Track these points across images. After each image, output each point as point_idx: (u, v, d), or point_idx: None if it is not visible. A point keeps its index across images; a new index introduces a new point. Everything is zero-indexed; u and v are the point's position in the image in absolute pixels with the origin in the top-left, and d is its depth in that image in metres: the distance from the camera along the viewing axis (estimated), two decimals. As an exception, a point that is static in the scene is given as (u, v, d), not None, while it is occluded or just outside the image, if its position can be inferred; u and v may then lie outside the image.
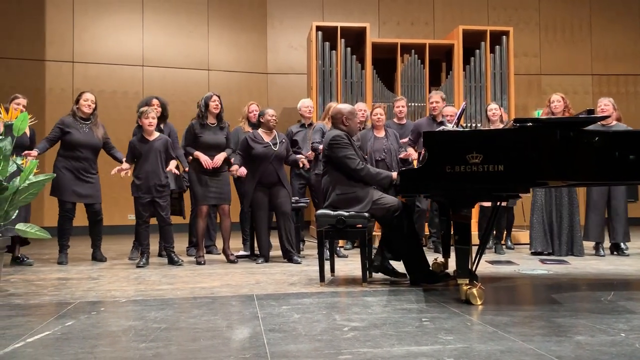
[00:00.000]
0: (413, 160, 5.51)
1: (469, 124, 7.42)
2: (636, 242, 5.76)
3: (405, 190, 3.41)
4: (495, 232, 5.73)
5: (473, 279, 3.18)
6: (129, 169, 4.89)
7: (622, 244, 5.44)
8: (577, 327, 2.56)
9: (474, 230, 5.63)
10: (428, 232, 6.08)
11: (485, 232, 3.84)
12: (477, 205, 5.67)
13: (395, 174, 3.75)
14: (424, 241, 5.96)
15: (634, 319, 2.72)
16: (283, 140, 5.08)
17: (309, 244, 6.22)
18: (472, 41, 7.61)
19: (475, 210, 5.85)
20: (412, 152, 5.60)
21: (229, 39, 9.28)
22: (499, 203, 3.68)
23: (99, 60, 8.59)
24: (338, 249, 5.31)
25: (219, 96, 5.05)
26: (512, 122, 3.38)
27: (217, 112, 5.02)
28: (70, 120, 5.08)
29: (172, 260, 4.84)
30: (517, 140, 3.18)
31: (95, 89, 7.37)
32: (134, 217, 5.40)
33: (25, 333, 2.52)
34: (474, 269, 3.36)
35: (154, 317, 2.82)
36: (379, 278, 3.98)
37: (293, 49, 9.36)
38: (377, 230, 5.86)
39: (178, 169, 4.97)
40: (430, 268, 3.93)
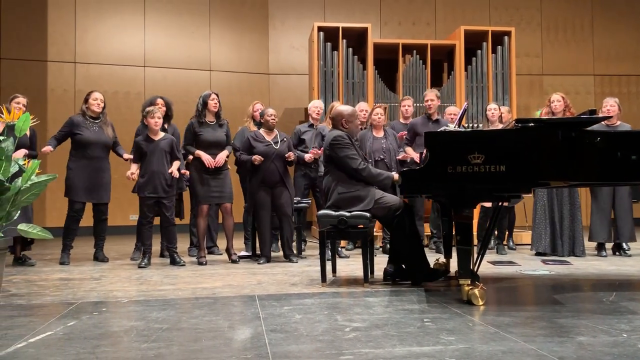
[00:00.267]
0: (413, 159, 5.49)
1: (471, 125, 7.42)
2: (638, 243, 5.75)
3: (407, 191, 3.41)
4: (497, 232, 5.72)
5: (475, 280, 3.18)
6: (137, 171, 4.88)
7: (625, 244, 5.43)
8: (579, 328, 2.56)
9: (474, 230, 5.62)
10: (430, 233, 6.07)
11: (487, 232, 3.84)
12: (478, 206, 5.65)
13: (396, 175, 3.75)
14: (425, 241, 5.96)
15: (636, 319, 2.72)
16: (284, 139, 5.09)
17: (310, 244, 6.22)
18: (473, 41, 7.61)
19: (476, 210, 5.84)
20: (411, 152, 5.60)
21: (230, 40, 9.29)
22: (501, 203, 3.68)
23: (101, 60, 8.60)
24: (340, 249, 5.31)
25: (217, 94, 5.06)
26: (513, 122, 3.38)
27: (216, 110, 5.02)
28: (79, 120, 5.10)
29: (174, 261, 4.84)
30: (518, 141, 3.18)
31: (97, 89, 7.35)
32: (135, 217, 5.41)
33: (28, 333, 2.52)
34: (476, 270, 3.35)
35: (156, 317, 2.83)
36: (380, 279, 3.97)
37: (295, 49, 9.37)
38: (378, 230, 5.87)
39: (179, 170, 4.97)
40: (432, 268, 3.93)
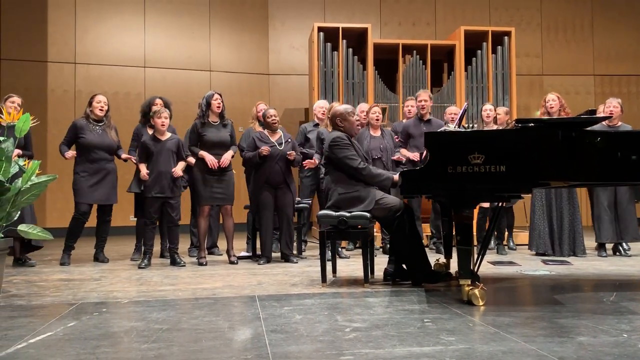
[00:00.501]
0: (409, 159, 5.48)
1: (470, 125, 7.42)
2: (638, 243, 5.75)
3: (407, 191, 3.40)
4: (496, 232, 5.72)
5: (475, 280, 3.18)
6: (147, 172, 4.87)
7: (625, 244, 5.43)
8: (580, 328, 2.55)
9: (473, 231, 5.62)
10: (430, 233, 6.07)
11: (487, 232, 3.84)
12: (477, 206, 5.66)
13: (396, 176, 3.75)
14: (426, 242, 5.95)
15: (637, 319, 2.72)
16: (289, 140, 5.09)
17: (310, 244, 6.22)
18: (473, 42, 7.61)
19: (475, 211, 5.84)
20: (406, 152, 5.59)
21: (230, 40, 9.30)
22: (500, 204, 3.68)
23: (101, 61, 8.61)
24: (340, 249, 5.31)
25: (220, 95, 5.06)
26: (513, 122, 3.38)
27: (219, 110, 5.02)
28: (83, 123, 5.12)
29: (174, 261, 4.84)
30: (519, 141, 3.17)
31: (97, 90, 7.36)
32: (135, 218, 5.41)
33: (28, 334, 2.52)
34: (476, 270, 3.35)
35: (156, 318, 2.83)
36: (380, 279, 3.97)
37: (295, 49, 9.37)
38: (377, 231, 5.87)
39: (183, 171, 4.98)
40: (432, 268, 3.93)
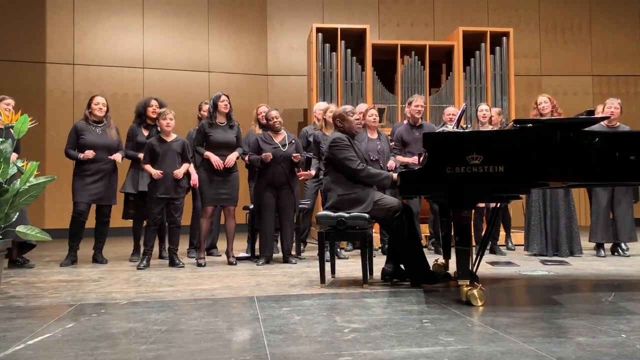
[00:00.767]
0: (410, 163, 5.47)
1: (468, 125, 7.42)
2: (637, 244, 5.75)
3: (405, 192, 3.41)
4: (492, 233, 5.72)
5: (474, 280, 3.18)
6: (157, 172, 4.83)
7: (623, 244, 5.43)
8: (578, 328, 2.56)
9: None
10: (428, 234, 6.08)
11: (486, 233, 3.84)
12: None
13: (395, 175, 3.75)
14: (424, 242, 5.95)
15: (635, 319, 2.72)
16: (293, 141, 5.08)
17: (310, 245, 6.22)
18: (472, 42, 7.62)
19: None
20: (402, 158, 5.56)
21: (229, 41, 9.29)
22: (499, 204, 3.68)
23: (100, 62, 8.60)
24: (339, 250, 5.31)
25: (227, 96, 5.06)
26: (512, 123, 3.38)
27: (227, 111, 5.02)
28: (82, 125, 5.13)
29: (173, 262, 4.83)
30: (517, 141, 3.18)
31: (96, 91, 7.36)
32: (126, 219, 5.39)
33: (26, 335, 2.52)
34: (475, 270, 3.35)
35: (155, 319, 2.82)
36: (379, 279, 3.97)
37: (293, 50, 9.37)
38: (376, 231, 5.86)
39: (185, 176, 4.98)
40: (431, 269, 3.93)
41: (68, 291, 3.70)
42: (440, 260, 4.19)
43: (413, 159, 5.40)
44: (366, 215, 3.72)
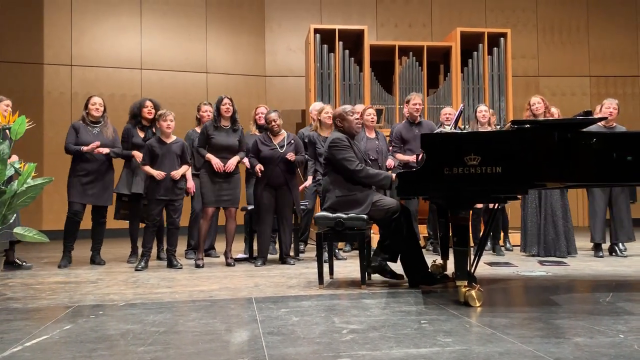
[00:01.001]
0: (409, 161, 5.48)
1: (466, 126, 7.43)
2: (634, 243, 5.76)
3: (403, 192, 3.41)
4: (493, 233, 5.73)
5: (472, 281, 3.18)
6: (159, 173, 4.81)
7: (621, 244, 5.44)
8: (576, 329, 2.56)
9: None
10: (427, 234, 6.08)
11: (484, 234, 3.84)
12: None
13: (394, 176, 3.75)
14: (423, 243, 5.96)
15: (633, 320, 2.72)
16: (291, 142, 5.06)
17: (308, 246, 6.22)
18: (469, 43, 7.63)
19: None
20: (402, 156, 5.58)
21: (227, 42, 9.29)
22: (497, 205, 3.68)
23: (97, 63, 8.59)
24: (337, 251, 5.31)
25: (230, 99, 5.04)
26: (509, 123, 3.39)
27: (229, 114, 5.01)
28: (79, 125, 5.13)
29: (171, 264, 4.83)
30: (515, 142, 3.18)
31: (94, 92, 7.33)
32: (118, 219, 5.38)
33: (23, 337, 2.51)
34: (473, 271, 3.36)
35: (153, 320, 2.82)
36: (377, 280, 3.98)
37: (291, 51, 9.37)
38: (375, 232, 5.86)
39: (184, 176, 4.96)
40: (429, 270, 3.93)
41: (66, 293, 3.69)
42: (439, 261, 4.19)
43: (413, 157, 5.40)
44: (364, 216, 3.72)
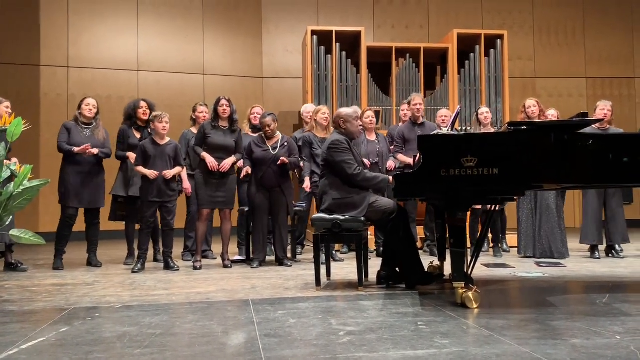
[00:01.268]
0: (405, 163, 5.50)
1: (464, 128, 7.44)
2: (630, 244, 5.78)
3: (400, 194, 3.41)
4: (492, 235, 5.74)
5: (469, 282, 3.19)
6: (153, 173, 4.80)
7: (617, 246, 5.45)
8: (573, 330, 2.56)
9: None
10: (423, 236, 6.08)
11: (481, 235, 3.85)
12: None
13: (391, 178, 3.75)
14: (420, 244, 5.96)
15: (629, 321, 2.73)
16: (285, 144, 5.06)
17: (306, 247, 6.22)
18: (466, 45, 7.64)
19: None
20: (404, 158, 5.59)
21: (224, 43, 9.29)
22: (494, 206, 3.69)
23: (94, 65, 8.58)
24: (334, 252, 5.31)
25: (228, 100, 5.04)
26: (506, 125, 3.39)
27: (226, 115, 5.00)
28: (71, 125, 5.11)
29: (168, 266, 4.82)
30: (511, 144, 3.19)
31: (91, 93, 7.32)
32: (112, 220, 5.37)
33: (19, 340, 2.50)
34: (470, 272, 3.36)
35: (149, 322, 2.81)
36: (374, 282, 3.97)
37: (288, 53, 9.37)
38: (372, 234, 5.87)
39: (175, 178, 4.95)
40: (426, 271, 3.93)
41: (62, 295, 3.68)
42: (435, 262, 4.20)
43: (411, 159, 5.41)
44: (361, 217, 3.72)
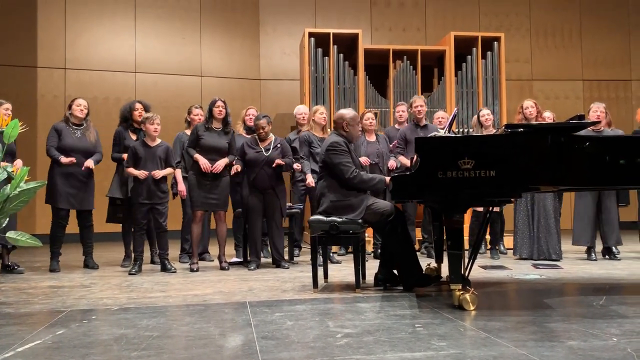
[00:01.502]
0: (402, 165, 5.51)
1: (461, 130, 7.45)
2: (628, 246, 5.79)
3: (398, 196, 3.41)
4: (491, 237, 5.74)
5: (466, 284, 3.19)
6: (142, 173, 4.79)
7: (614, 247, 5.46)
8: (570, 332, 2.57)
9: (465, 235, 5.63)
10: (421, 238, 6.09)
11: (478, 237, 3.85)
12: (470, 210, 5.68)
13: (388, 179, 3.76)
14: (417, 246, 5.96)
15: (626, 323, 2.74)
16: (278, 146, 5.05)
17: (304, 249, 6.21)
18: (463, 47, 7.66)
19: (468, 214, 5.86)
20: (403, 159, 5.60)
21: (221, 45, 9.29)
22: (491, 208, 3.69)
23: (91, 66, 8.56)
24: (331, 254, 5.31)
25: (224, 101, 5.04)
26: (503, 127, 3.40)
27: (221, 117, 5.00)
28: (62, 126, 5.07)
29: (165, 268, 4.81)
30: (508, 146, 3.19)
31: (88, 95, 7.33)
32: (110, 222, 5.35)
33: (16, 342, 2.50)
34: (467, 274, 3.36)
35: (146, 325, 2.81)
36: (372, 284, 3.97)
37: (286, 55, 9.38)
38: (369, 236, 5.87)
39: (166, 179, 4.94)
40: (424, 273, 3.93)
41: (59, 297, 3.67)
42: (433, 264, 4.20)
43: (408, 162, 5.42)
44: (359, 220, 3.72)
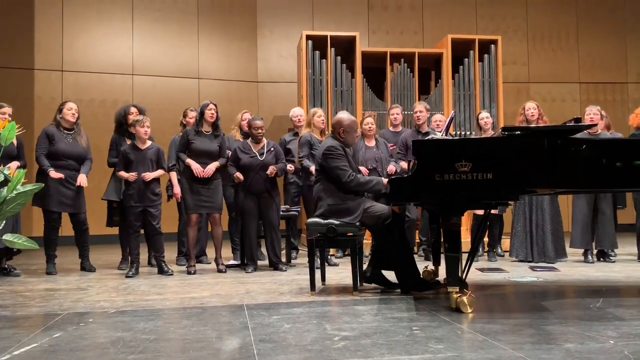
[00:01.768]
0: (402, 169, 5.52)
1: (459, 133, 7.46)
2: (624, 248, 5.81)
3: (395, 199, 3.41)
4: (489, 239, 5.74)
5: (463, 287, 3.19)
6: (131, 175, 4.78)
7: (611, 250, 5.47)
8: (567, 335, 2.57)
9: (466, 237, 5.64)
10: (418, 240, 6.09)
11: (475, 240, 3.86)
12: (470, 213, 5.69)
13: (385, 181, 3.76)
14: (415, 249, 5.96)
15: (623, 325, 2.74)
16: (271, 149, 5.05)
17: (301, 252, 6.21)
18: (460, 50, 7.67)
19: (468, 216, 5.87)
20: (404, 164, 5.60)
21: (219, 48, 9.29)
22: (489, 211, 3.70)
23: (89, 68, 8.54)
24: (329, 257, 5.30)
25: (215, 105, 5.04)
26: (500, 130, 3.41)
27: (212, 120, 5.00)
28: (53, 130, 5.04)
29: (162, 270, 4.80)
30: (505, 149, 3.20)
31: (85, 97, 7.33)
32: (109, 226, 5.34)
33: (12, 345, 2.49)
34: (464, 277, 3.37)
35: (143, 328, 2.80)
36: (369, 287, 3.97)
37: (283, 57, 9.38)
38: (368, 238, 5.87)
39: (158, 181, 4.92)
40: (421, 276, 3.94)
41: (55, 300, 3.66)
42: (430, 266, 4.20)
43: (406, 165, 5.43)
44: (356, 223, 3.72)
